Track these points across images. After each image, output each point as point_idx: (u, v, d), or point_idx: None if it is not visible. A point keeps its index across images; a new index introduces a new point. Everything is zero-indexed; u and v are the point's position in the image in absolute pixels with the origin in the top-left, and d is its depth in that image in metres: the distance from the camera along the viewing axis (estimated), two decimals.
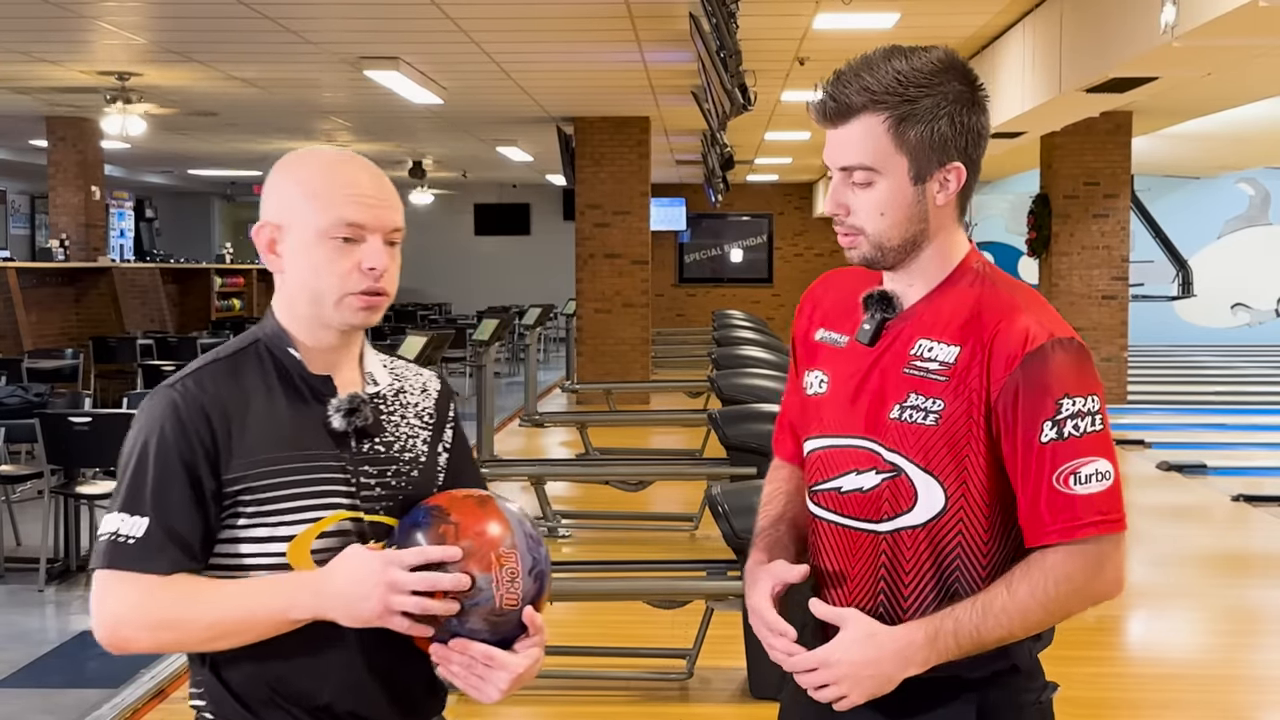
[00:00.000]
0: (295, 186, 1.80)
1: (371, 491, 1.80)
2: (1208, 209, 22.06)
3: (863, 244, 1.85)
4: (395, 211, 1.82)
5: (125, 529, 1.72)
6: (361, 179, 1.80)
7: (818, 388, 1.92)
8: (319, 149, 1.89)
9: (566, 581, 5.35)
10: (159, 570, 1.70)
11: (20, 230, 22.42)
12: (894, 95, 1.79)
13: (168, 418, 1.75)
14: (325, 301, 1.79)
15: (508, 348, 18.55)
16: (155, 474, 1.73)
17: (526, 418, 10.14)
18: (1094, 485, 1.82)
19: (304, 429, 1.79)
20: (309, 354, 1.82)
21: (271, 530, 1.75)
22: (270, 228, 1.81)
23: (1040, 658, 2.04)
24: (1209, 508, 8.39)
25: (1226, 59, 6.89)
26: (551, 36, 9.25)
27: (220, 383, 1.79)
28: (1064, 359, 1.79)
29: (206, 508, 1.74)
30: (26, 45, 9.75)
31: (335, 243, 1.77)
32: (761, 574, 1.89)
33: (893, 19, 8.46)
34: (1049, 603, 1.84)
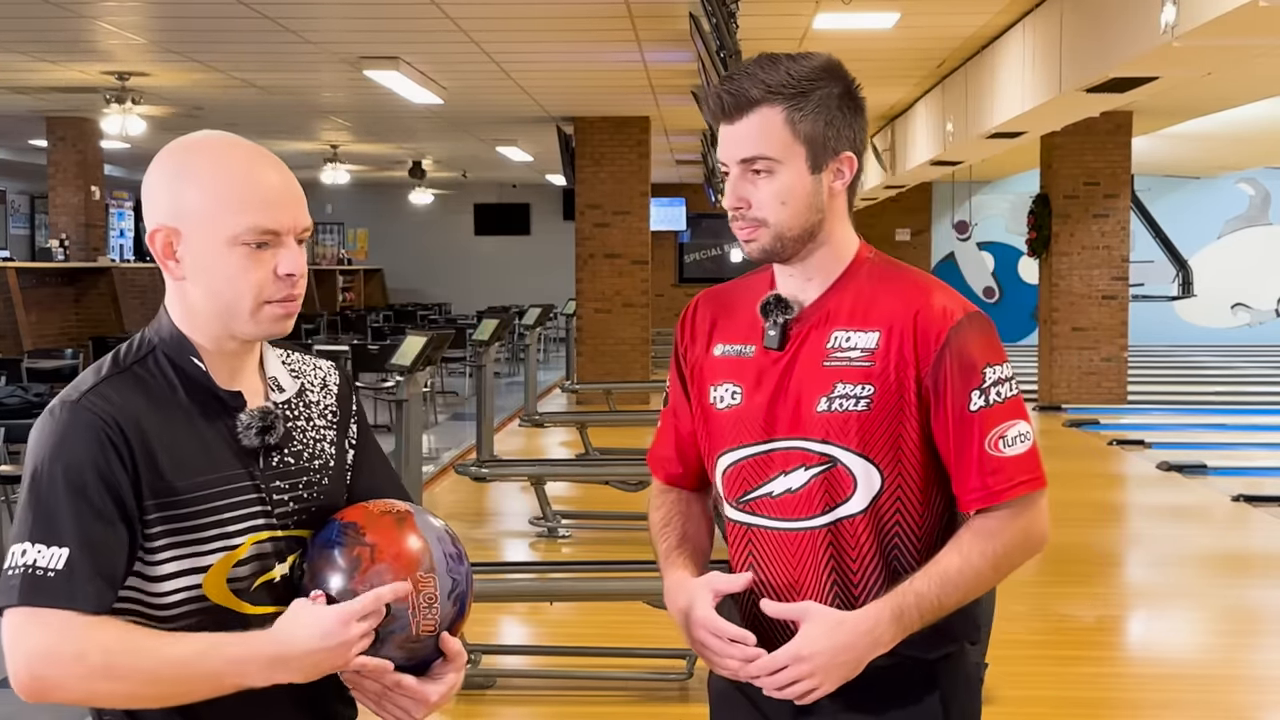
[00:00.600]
0: (194, 187, 1.63)
1: (285, 507, 1.69)
2: (1208, 209, 22.06)
3: (763, 235, 1.90)
4: (304, 209, 1.68)
5: (43, 561, 1.53)
6: (270, 177, 1.66)
7: (730, 400, 1.95)
8: (208, 138, 1.69)
9: (566, 581, 5.35)
10: (87, 608, 1.53)
11: (20, 230, 22.42)
12: (789, 89, 1.86)
13: (81, 436, 1.57)
14: (239, 313, 1.64)
15: (508, 348, 18.55)
16: (72, 499, 1.55)
17: (526, 418, 10.14)
18: (1019, 446, 1.88)
19: (214, 447, 1.65)
20: (212, 363, 1.67)
21: (189, 562, 1.60)
22: (166, 232, 1.64)
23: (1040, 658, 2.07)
24: (1209, 508, 8.38)
25: (1226, 59, 6.89)
26: (551, 36, 9.25)
27: (129, 397, 1.62)
28: (981, 331, 1.88)
29: (131, 533, 1.58)
30: (26, 45, 9.75)
31: (247, 249, 1.62)
32: (699, 585, 1.91)
33: (893, 19, 8.46)
34: (998, 561, 1.89)
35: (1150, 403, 13.62)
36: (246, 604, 1.64)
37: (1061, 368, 13.44)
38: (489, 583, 5.45)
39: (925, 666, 1.92)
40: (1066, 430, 11.88)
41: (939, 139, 11.49)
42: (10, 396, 8.07)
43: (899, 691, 1.90)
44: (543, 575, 5.98)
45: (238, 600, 1.64)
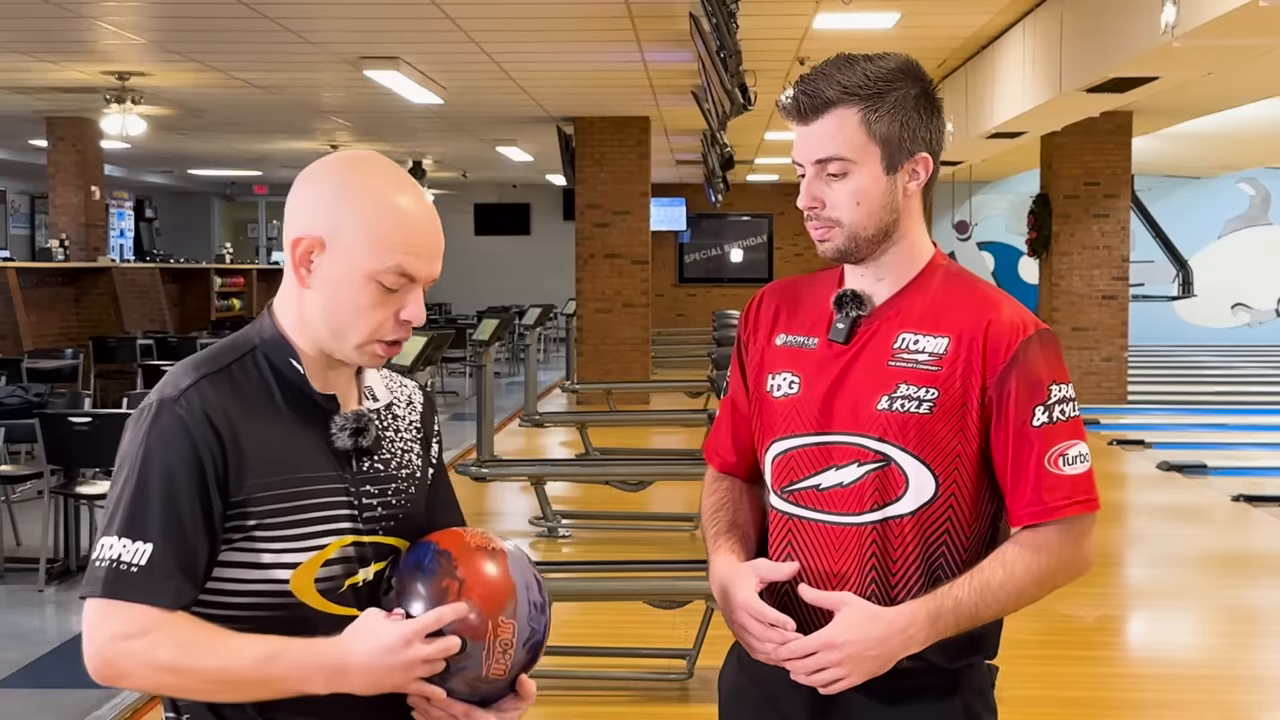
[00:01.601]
0: (356, 213, 1.66)
1: (373, 512, 1.72)
2: (1208, 209, 22.06)
3: (838, 235, 1.91)
4: (441, 259, 1.72)
5: (128, 555, 1.59)
6: (426, 227, 1.69)
7: (787, 389, 1.96)
8: (379, 164, 1.73)
9: (566, 581, 5.35)
10: (164, 603, 1.59)
11: (20, 230, 22.43)
12: (865, 89, 1.87)
13: (175, 435, 1.62)
14: (347, 340, 1.69)
15: (508, 348, 18.56)
16: (162, 496, 1.61)
17: (526, 418, 10.14)
18: (1079, 466, 1.88)
19: (307, 448, 1.69)
20: (311, 366, 1.72)
21: (276, 557, 1.65)
22: (312, 241, 1.67)
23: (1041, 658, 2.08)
24: (1209, 508, 8.38)
25: (1226, 59, 6.89)
26: (551, 36, 9.25)
27: (224, 396, 1.66)
28: (1050, 348, 1.89)
29: (213, 533, 1.63)
30: (26, 45, 9.75)
31: (380, 288, 1.66)
32: (744, 570, 1.92)
33: (893, 19, 8.46)
34: (1041, 578, 1.89)
35: (1150, 403, 13.62)
36: (332, 604, 1.67)
37: None
38: None
39: (947, 675, 1.93)
40: None
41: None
42: (10, 397, 8.07)
43: (920, 696, 1.90)
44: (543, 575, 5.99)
45: (323, 600, 1.67)
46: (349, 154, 1.75)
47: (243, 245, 25.17)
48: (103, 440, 6.66)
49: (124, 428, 1.69)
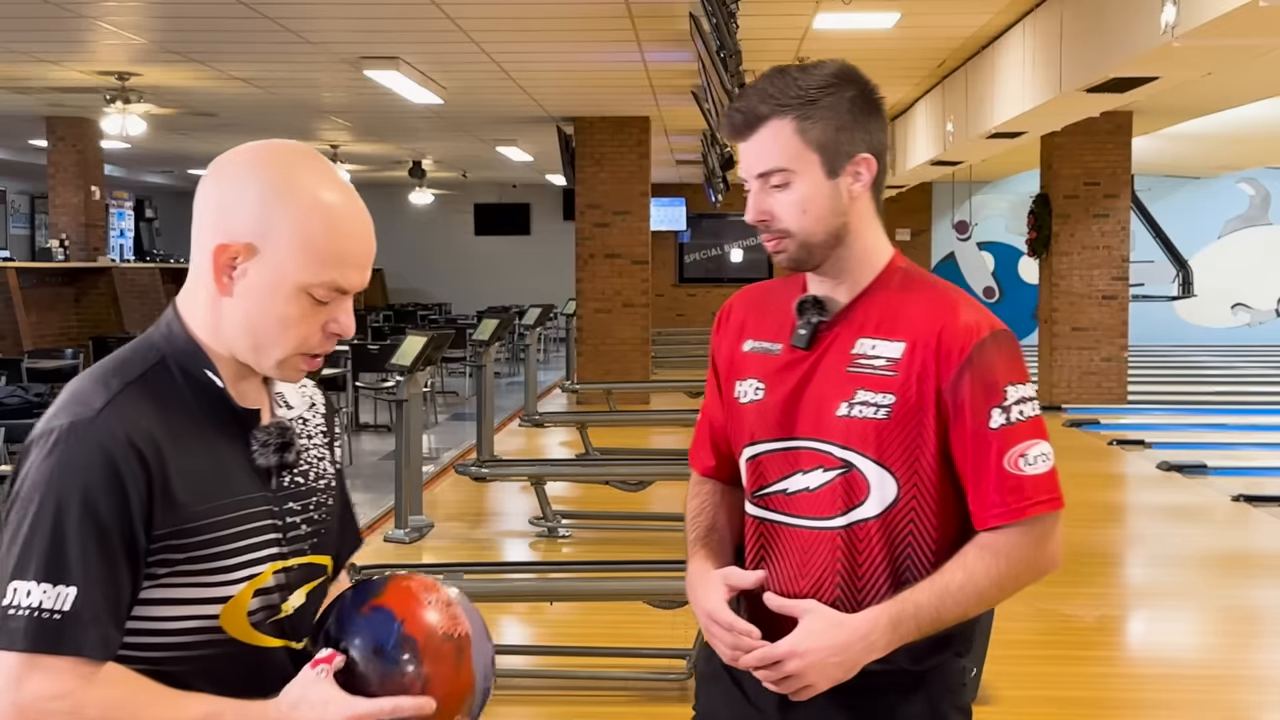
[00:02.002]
0: (288, 218, 1.52)
1: (298, 530, 1.60)
2: (1208, 209, 22.06)
3: (790, 245, 1.92)
4: (372, 264, 1.60)
5: (49, 602, 1.41)
6: (361, 233, 1.56)
7: (753, 395, 1.98)
8: (313, 163, 1.59)
9: (566, 581, 5.35)
10: (93, 654, 1.43)
11: (20, 230, 22.43)
12: (796, 99, 1.90)
13: (95, 462, 1.44)
14: (269, 354, 1.55)
15: (508, 348, 18.56)
16: (82, 533, 1.43)
17: (526, 418, 10.14)
18: (1040, 466, 1.90)
19: (231, 468, 1.55)
20: (226, 376, 1.57)
21: (205, 591, 1.50)
22: (239, 248, 1.52)
23: (1040, 658, 2.08)
24: (1209, 508, 8.38)
25: (1226, 59, 6.89)
26: (551, 36, 9.25)
27: (143, 414, 1.49)
28: (1005, 349, 1.89)
29: (136, 571, 1.46)
30: (26, 45, 9.75)
31: (310, 300, 1.53)
32: (713, 578, 1.96)
33: (893, 19, 8.46)
34: (1003, 580, 1.90)
35: (1150, 403, 13.62)
36: (263, 635, 1.56)
37: (1061, 368, 13.44)
38: (489, 583, 5.45)
39: (913, 676, 1.93)
40: (1066, 430, 11.88)
41: (939, 139, 11.49)
42: (10, 397, 8.07)
43: (886, 698, 1.91)
44: (543, 575, 5.99)
45: (254, 632, 1.55)
46: (269, 146, 1.61)
47: None
48: None
49: (24, 455, 1.49)
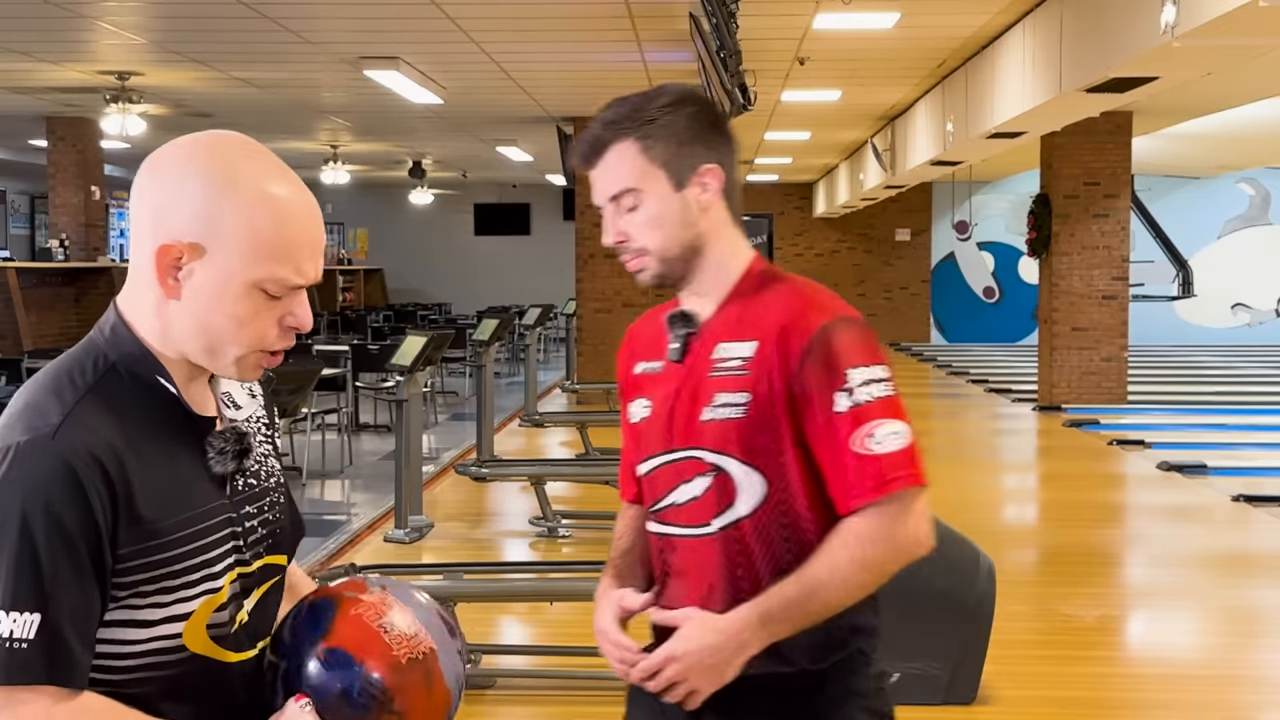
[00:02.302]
0: (234, 213, 1.45)
1: (255, 534, 1.54)
2: (1208, 209, 22.06)
3: (650, 262, 1.98)
4: (323, 254, 1.53)
5: (18, 630, 1.33)
6: (309, 223, 1.49)
7: (641, 413, 2.04)
8: (254, 153, 1.52)
9: (566, 581, 5.35)
10: (65, 682, 1.35)
11: (20, 230, 22.42)
12: (635, 120, 1.97)
13: (56, 480, 1.36)
14: (225, 355, 1.48)
15: (508, 348, 18.56)
16: (46, 556, 1.35)
17: (526, 418, 10.14)
18: (891, 444, 1.87)
19: (188, 478, 1.47)
20: (177, 380, 1.50)
21: (166, 610, 1.43)
22: (183, 248, 1.44)
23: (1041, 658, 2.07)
24: (1209, 508, 8.38)
25: (1226, 59, 6.89)
26: (551, 36, 9.25)
27: (104, 424, 1.41)
28: (848, 334, 1.90)
29: (104, 590, 1.39)
30: (26, 45, 9.75)
31: (263, 296, 1.46)
32: (609, 598, 2.04)
33: (893, 19, 8.46)
34: (867, 563, 1.88)
35: (1150, 403, 13.61)
36: (224, 650, 1.50)
37: (1061, 368, 13.44)
38: (489, 583, 5.45)
39: (814, 676, 1.94)
40: (1066, 430, 11.88)
41: (939, 139, 11.49)
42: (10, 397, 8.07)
43: (789, 700, 1.93)
44: (543, 575, 5.98)
45: (215, 647, 1.48)
46: (208, 137, 1.53)
47: None
48: None
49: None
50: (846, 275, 23.48)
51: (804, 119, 14.03)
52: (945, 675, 4.40)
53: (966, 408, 14.12)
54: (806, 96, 12.16)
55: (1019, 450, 11.82)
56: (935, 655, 4.40)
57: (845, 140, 16.55)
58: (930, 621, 4.42)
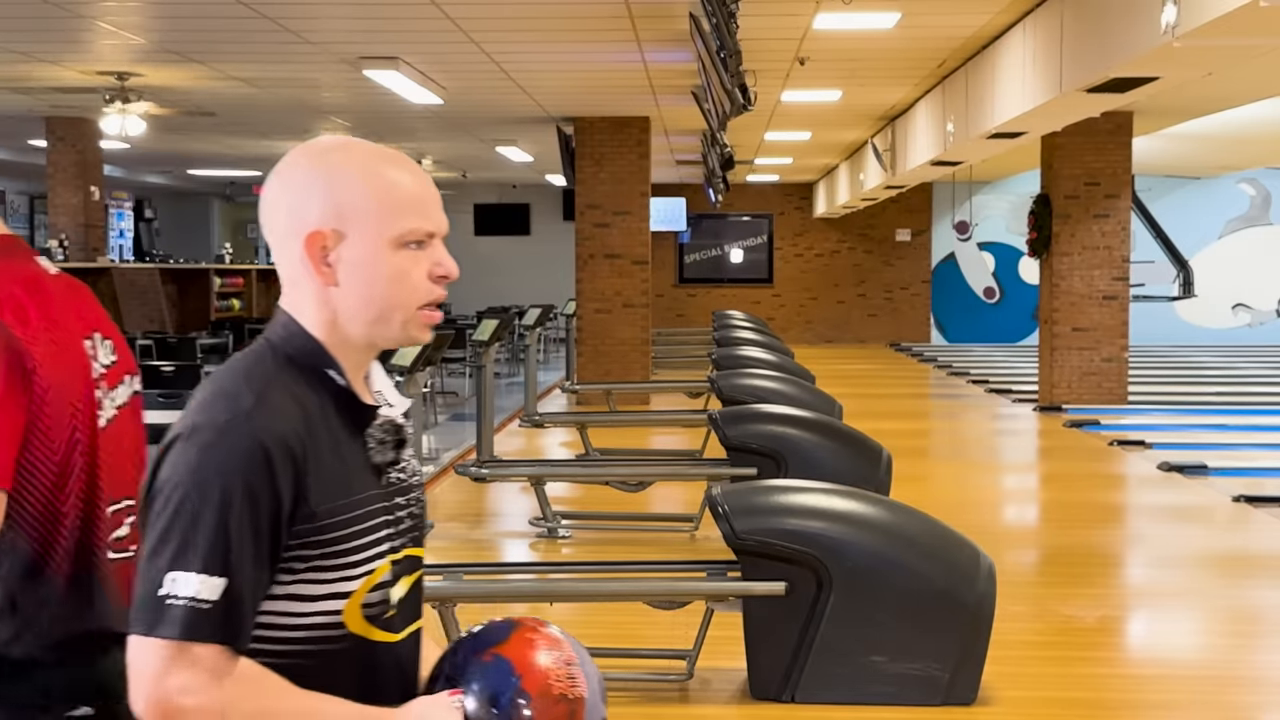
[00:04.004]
0: (352, 189, 1.59)
1: (404, 525, 1.66)
2: (1208, 209, 22.06)
3: None
4: (443, 209, 1.68)
5: (204, 592, 1.47)
6: (421, 179, 1.65)
7: None
8: (348, 141, 1.67)
9: (566, 582, 5.35)
10: (238, 642, 1.49)
11: (19, 230, 22.33)
12: None
13: (252, 459, 1.50)
14: (394, 317, 1.61)
15: (508, 348, 18.54)
16: (236, 527, 1.48)
17: (526, 418, 10.13)
18: None
19: (354, 465, 1.60)
20: (346, 373, 1.63)
21: (330, 587, 1.56)
22: (325, 235, 1.59)
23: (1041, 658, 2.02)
24: (1210, 508, 8.38)
25: (1226, 59, 6.89)
26: (551, 36, 9.25)
27: (289, 413, 1.55)
28: None
29: (274, 566, 1.53)
30: (26, 45, 9.75)
31: (408, 250, 1.60)
32: None
33: (893, 19, 8.46)
34: None
35: (1151, 403, 13.61)
36: (376, 630, 1.61)
37: (1062, 368, 13.43)
38: (489, 583, 5.44)
39: None
40: (1067, 431, 11.88)
41: (939, 139, 11.49)
42: None
43: None
44: (543, 575, 5.98)
45: (369, 627, 1.60)
46: (317, 144, 1.66)
47: (242, 245, 25.16)
48: None
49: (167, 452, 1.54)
50: (846, 275, 23.48)
51: (804, 119, 14.03)
52: (945, 676, 4.40)
53: (967, 408, 14.12)
54: (806, 96, 12.16)
55: (1019, 451, 11.81)
56: (935, 655, 4.40)
57: (845, 140, 16.55)
58: (930, 622, 4.43)
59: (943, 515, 4.86)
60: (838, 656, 4.42)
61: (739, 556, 4.53)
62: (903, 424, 12.06)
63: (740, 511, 4.52)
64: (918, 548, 4.52)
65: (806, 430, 6.66)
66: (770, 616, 4.47)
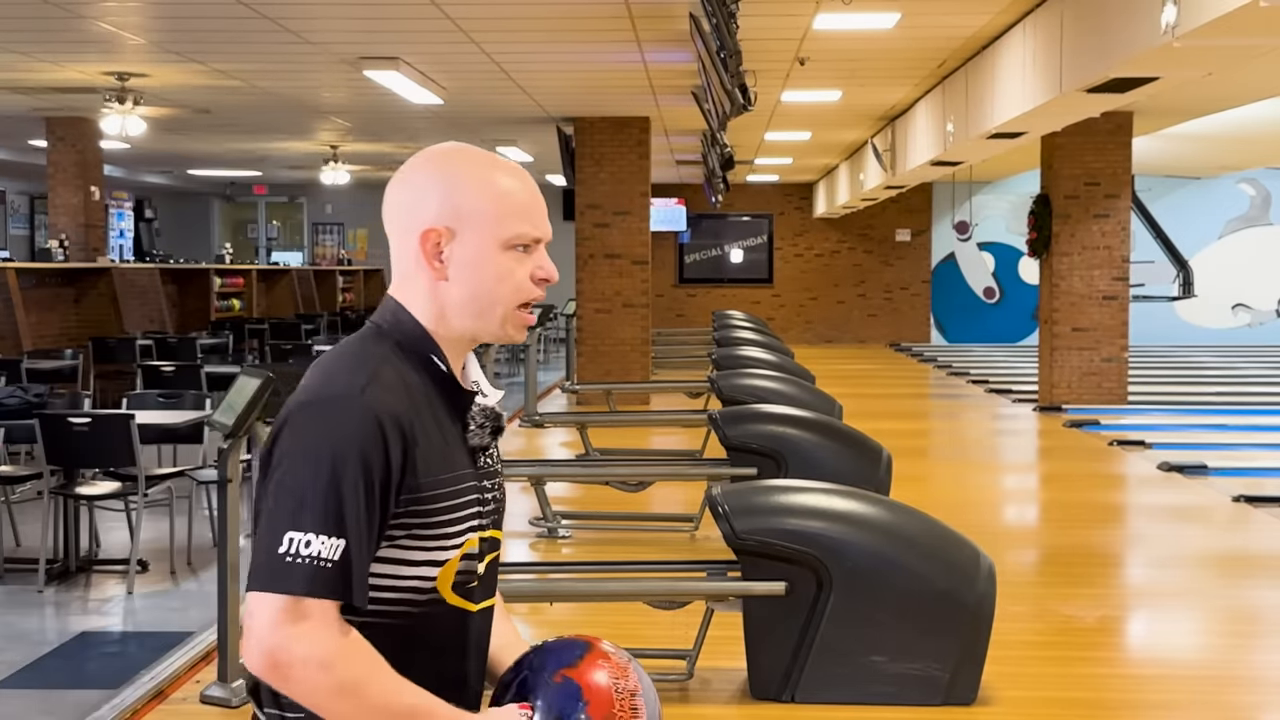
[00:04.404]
0: (471, 192, 1.73)
1: (489, 506, 1.79)
2: (1208, 209, 22.06)
3: None
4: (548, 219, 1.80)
5: (325, 551, 1.59)
6: (532, 190, 1.78)
7: None
8: (470, 149, 1.81)
9: (566, 582, 5.35)
10: (353, 600, 1.61)
11: (20, 230, 22.41)
12: None
13: (368, 431, 1.63)
14: (494, 314, 1.74)
15: (508, 348, 18.54)
16: (355, 491, 1.61)
17: (526, 418, 10.13)
18: None
19: (453, 446, 1.73)
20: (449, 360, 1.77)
21: (427, 554, 1.69)
22: (440, 232, 1.73)
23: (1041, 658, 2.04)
24: (1210, 508, 8.38)
25: (1227, 59, 6.89)
26: (551, 36, 9.25)
27: (397, 392, 1.68)
28: None
29: (382, 531, 1.65)
30: (26, 45, 9.75)
31: (516, 252, 1.74)
32: None
33: (893, 19, 8.46)
34: None
35: (1151, 403, 13.61)
36: (460, 599, 1.73)
37: (1062, 368, 13.44)
38: None
39: None
40: (1067, 430, 11.88)
41: (939, 139, 11.49)
42: (10, 397, 8.06)
43: None
44: (543, 575, 5.98)
45: (455, 596, 1.72)
46: (438, 149, 1.80)
47: (242, 245, 25.15)
48: (102, 441, 6.65)
49: (285, 423, 1.66)
50: (846, 275, 23.48)
51: (804, 119, 14.03)
52: (945, 675, 4.40)
53: (967, 408, 14.12)
54: (806, 96, 12.16)
55: (1019, 451, 11.81)
56: (935, 655, 4.40)
57: (845, 140, 16.55)
58: (930, 621, 4.43)
59: (943, 515, 4.86)
60: (838, 656, 4.42)
61: (739, 556, 4.53)
62: (903, 424, 12.06)
63: (740, 511, 4.52)
64: (918, 548, 4.52)
65: (806, 430, 6.65)
66: (770, 616, 4.47)
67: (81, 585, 6.82)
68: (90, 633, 5.96)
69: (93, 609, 6.50)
